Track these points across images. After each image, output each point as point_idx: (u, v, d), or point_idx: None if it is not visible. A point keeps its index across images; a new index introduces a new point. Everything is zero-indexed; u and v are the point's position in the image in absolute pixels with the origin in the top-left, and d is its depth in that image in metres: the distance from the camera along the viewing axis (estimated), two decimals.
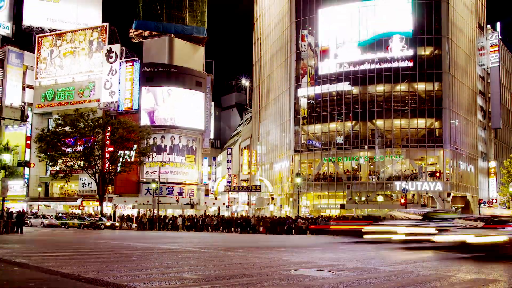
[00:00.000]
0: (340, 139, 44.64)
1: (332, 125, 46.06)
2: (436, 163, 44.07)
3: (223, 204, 52.19)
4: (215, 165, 64.62)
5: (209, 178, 56.17)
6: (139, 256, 10.24)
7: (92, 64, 49.81)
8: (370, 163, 45.49)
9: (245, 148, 63.06)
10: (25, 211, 38.15)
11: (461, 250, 11.30)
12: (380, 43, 44.64)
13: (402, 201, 34.24)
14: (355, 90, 45.56)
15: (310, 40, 48.15)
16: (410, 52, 43.81)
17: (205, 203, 50.52)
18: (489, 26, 55.51)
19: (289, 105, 49.57)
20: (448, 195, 42.40)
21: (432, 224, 14.88)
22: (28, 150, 47.42)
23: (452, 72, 44.48)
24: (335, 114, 45.66)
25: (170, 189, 48.96)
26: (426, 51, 45.00)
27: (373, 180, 43.53)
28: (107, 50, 48.40)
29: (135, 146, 40.87)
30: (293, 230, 29.45)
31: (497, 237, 10.94)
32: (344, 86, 45.74)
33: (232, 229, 33.04)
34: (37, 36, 52.18)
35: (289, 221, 30.68)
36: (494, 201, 45.25)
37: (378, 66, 44.30)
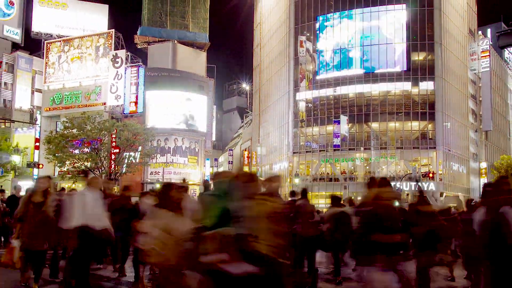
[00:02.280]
0: (337, 141, 46.34)
1: (330, 128, 47.76)
2: (430, 164, 45.75)
3: None
4: (217, 166, 66.19)
5: (211, 179, 57.66)
6: None
7: (99, 69, 51.45)
8: (366, 164, 47.14)
9: (245, 149, 64.59)
10: None
11: None
12: (375, 49, 46.45)
13: None
14: (351, 94, 47.32)
15: (308, 46, 49.98)
16: (404, 58, 45.60)
17: None
18: (480, 32, 57.28)
19: (288, 108, 51.24)
20: (441, 195, 43.94)
21: None
22: (37, 151, 48.70)
23: (445, 77, 46.17)
24: (332, 117, 47.37)
25: None
26: (420, 57, 46.76)
27: None
28: (113, 55, 50.06)
29: (140, 148, 42.20)
30: None
31: None
32: (341, 90, 47.50)
33: None
34: (45, 42, 53.77)
35: None
36: None
37: (373, 71, 46.11)
